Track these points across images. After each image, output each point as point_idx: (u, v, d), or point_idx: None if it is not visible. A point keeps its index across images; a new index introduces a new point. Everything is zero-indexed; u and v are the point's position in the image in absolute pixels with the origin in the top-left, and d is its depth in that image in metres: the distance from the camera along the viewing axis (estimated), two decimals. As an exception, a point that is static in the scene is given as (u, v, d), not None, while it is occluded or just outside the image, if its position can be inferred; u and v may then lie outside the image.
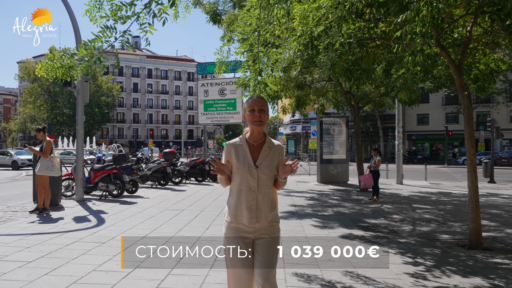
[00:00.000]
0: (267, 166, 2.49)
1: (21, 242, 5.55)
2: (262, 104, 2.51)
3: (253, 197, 2.46)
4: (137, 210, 8.59)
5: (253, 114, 2.49)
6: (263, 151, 2.52)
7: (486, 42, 6.91)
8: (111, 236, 6.00)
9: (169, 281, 4.04)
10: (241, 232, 2.49)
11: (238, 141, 2.57)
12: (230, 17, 11.03)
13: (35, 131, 8.49)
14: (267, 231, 2.49)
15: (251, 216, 2.46)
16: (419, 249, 5.58)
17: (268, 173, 2.49)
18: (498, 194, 13.01)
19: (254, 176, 2.47)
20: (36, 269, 4.34)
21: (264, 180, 2.49)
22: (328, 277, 4.25)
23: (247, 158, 2.49)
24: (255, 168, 2.47)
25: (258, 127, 2.51)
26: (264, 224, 2.48)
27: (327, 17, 4.46)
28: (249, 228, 2.48)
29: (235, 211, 2.50)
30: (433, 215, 8.64)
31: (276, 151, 2.56)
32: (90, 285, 3.87)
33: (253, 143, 2.54)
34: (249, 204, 2.46)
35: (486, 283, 4.16)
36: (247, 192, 2.47)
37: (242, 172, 2.47)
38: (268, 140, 2.57)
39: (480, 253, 5.47)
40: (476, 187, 5.93)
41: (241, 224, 2.49)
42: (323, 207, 9.53)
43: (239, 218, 2.49)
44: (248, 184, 2.47)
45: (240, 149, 2.52)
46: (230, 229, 2.52)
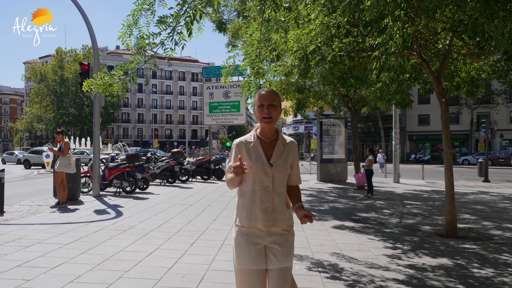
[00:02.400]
0: (282, 164, 2.31)
1: (54, 230, 6.40)
2: (272, 98, 2.31)
3: (268, 198, 2.28)
4: (150, 205, 9.43)
5: (262, 110, 2.29)
6: (277, 148, 2.33)
7: (465, 53, 7.69)
8: (131, 225, 6.84)
9: (185, 258, 4.86)
10: (253, 237, 2.29)
11: (249, 137, 2.38)
12: (235, 26, 11.85)
13: (55, 133, 9.38)
14: (280, 240, 2.30)
15: (267, 218, 2.27)
16: (400, 237, 6.38)
17: (283, 171, 2.32)
18: (488, 192, 13.73)
19: (268, 175, 2.28)
20: (73, 249, 5.18)
21: (279, 179, 2.32)
22: (318, 257, 5.06)
23: (260, 155, 2.30)
24: (269, 166, 2.28)
25: (267, 124, 2.32)
26: (280, 228, 2.31)
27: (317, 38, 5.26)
28: (263, 232, 2.29)
29: (248, 214, 2.29)
30: (420, 210, 9.42)
31: (290, 148, 2.38)
32: (121, 260, 4.70)
33: (265, 140, 2.35)
34: (264, 206, 2.27)
35: (450, 262, 4.96)
36: (261, 193, 2.28)
37: (255, 170, 2.27)
38: (281, 136, 2.39)
39: (454, 240, 6.25)
40: (451, 183, 6.72)
41: (255, 228, 2.29)
42: (320, 203, 10.34)
43: (253, 221, 2.28)
44: (262, 183, 2.28)
45: (251, 147, 2.33)
46: (242, 235, 2.32)
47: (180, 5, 3.72)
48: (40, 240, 5.66)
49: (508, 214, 8.94)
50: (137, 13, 3.75)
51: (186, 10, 3.83)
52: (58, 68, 58.14)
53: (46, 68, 59.11)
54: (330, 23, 4.90)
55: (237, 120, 19.02)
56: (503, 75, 8.03)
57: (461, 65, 8.22)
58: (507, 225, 7.58)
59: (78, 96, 58.09)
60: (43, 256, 4.83)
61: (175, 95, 79.01)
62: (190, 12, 3.80)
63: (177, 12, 3.66)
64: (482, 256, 5.27)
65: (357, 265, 4.74)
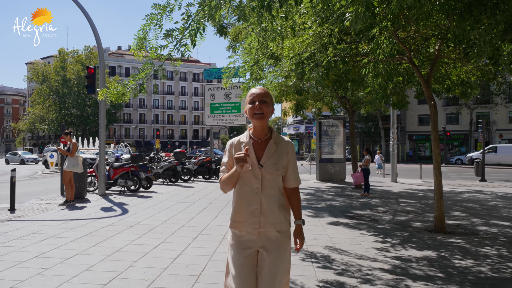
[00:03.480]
0: (272, 164, 2.23)
1: (65, 225, 6.81)
2: (263, 95, 2.25)
3: (256, 200, 2.21)
4: (153, 203, 9.83)
5: (253, 106, 2.23)
6: (268, 148, 2.26)
7: (455, 58, 8.06)
8: (137, 222, 7.25)
9: (188, 251, 5.26)
10: (244, 241, 2.25)
11: (242, 138, 2.34)
12: (235, 30, 12.24)
13: (63, 134, 9.81)
14: (272, 245, 2.23)
15: (254, 221, 2.21)
16: (391, 233, 6.76)
17: (274, 172, 2.23)
18: (482, 191, 14.09)
19: (257, 176, 2.21)
20: (84, 243, 5.58)
21: (269, 181, 2.23)
22: (312, 249, 5.45)
23: (250, 156, 2.23)
24: (258, 167, 2.22)
25: (259, 121, 2.25)
26: (272, 232, 2.23)
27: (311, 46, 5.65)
28: (253, 236, 2.23)
29: (236, 216, 2.27)
30: (414, 207, 9.80)
31: (284, 148, 2.29)
32: (130, 252, 5.10)
33: (257, 140, 2.29)
34: (251, 208, 2.21)
35: (434, 254, 5.34)
36: (249, 195, 2.22)
37: (244, 171, 2.21)
38: (275, 136, 2.31)
39: (441, 235, 6.63)
40: (440, 181, 7.10)
41: (244, 231, 2.24)
42: (318, 201, 10.72)
43: (241, 224, 2.25)
44: (251, 185, 2.22)
45: (243, 147, 2.26)
46: (233, 238, 2.30)
47: (185, 20, 4.12)
48: (53, 234, 6.07)
49: (497, 211, 9.31)
50: (146, 27, 4.16)
51: (191, 24, 4.23)
52: (61, 68, 58.63)
53: (49, 68, 59.61)
54: (322, 32, 5.29)
55: (238, 121, 19.43)
56: (491, 78, 8.40)
57: (451, 69, 8.59)
58: (494, 221, 7.96)
59: (80, 96, 58.61)
60: (57, 249, 5.23)
61: (176, 95, 79.49)
62: (194, 25, 4.20)
63: (182, 27, 4.05)
64: (465, 249, 5.66)
65: (347, 256, 5.13)
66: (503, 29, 5.21)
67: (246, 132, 2.36)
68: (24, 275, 4.16)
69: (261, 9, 4.17)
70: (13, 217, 7.60)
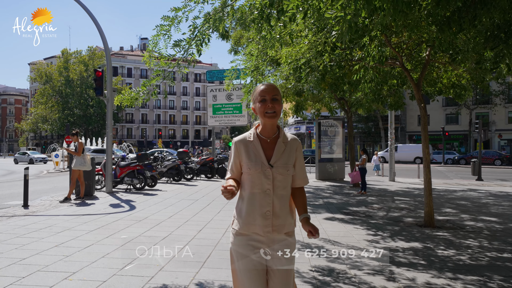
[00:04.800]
0: (283, 164, 2.17)
1: (78, 220, 7.29)
2: (275, 92, 2.18)
3: (268, 202, 2.15)
4: (159, 200, 10.31)
5: (265, 105, 2.15)
6: (277, 148, 2.19)
7: (445, 62, 8.51)
8: (144, 217, 7.72)
9: (194, 241, 5.72)
10: (251, 241, 2.17)
11: (248, 136, 2.24)
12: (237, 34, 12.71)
13: (70, 135, 10.33)
14: (281, 246, 2.18)
15: (266, 224, 2.14)
16: (382, 227, 7.21)
17: (284, 172, 2.17)
18: (477, 190, 14.52)
19: (268, 177, 2.14)
20: (98, 234, 6.05)
21: (281, 181, 2.17)
22: (307, 241, 5.91)
23: (259, 156, 2.17)
24: (269, 167, 2.15)
25: (271, 120, 2.18)
26: (281, 234, 2.19)
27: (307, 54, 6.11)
28: (262, 237, 2.16)
29: (247, 219, 2.16)
30: (408, 205, 10.24)
31: (293, 146, 2.24)
32: (140, 243, 5.57)
33: (266, 139, 2.21)
34: (263, 210, 2.14)
35: (420, 245, 5.79)
36: (261, 196, 2.15)
37: (254, 172, 2.15)
38: (283, 134, 2.24)
39: (430, 229, 7.08)
40: (429, 179, 7.55)
41: (253, 233, 2.16)
42: (316, 199, 11.18)
43: (251, 227, 2.16)
44: (262, 186, 2.15)
45: (251, 146, 2.19)
46: (239, 239, 2.19)
47: (191, 31, 4.59)
48: (68, 227, 6.55)
49: (487, 208, 9.75)
50: (156, 37, 4.63)
51: (197, 34, 4.70)
52: (63, 69, 59.21)
53: (51, 69, 60.19)
54: (317, 41, 5.75)
55: (239, 121, 19.92)
56: (479, 81, 8.85)
57: (442, 73, 9.04)
58: (482, 217, 8.40)
59: (83, 97, 59.24)
60: (74, 239, 5.71)
61: (178, 95, 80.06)
62: (200, 36, 4.67)
63: (189, 38, 4.52)
64: (450, 241, 6.11)
65: (339, 247, 5.59)
66: (484, 38, 5.67)
67: (252, 130, 2.27)
68: (48, 261, 4.63)
69: (261, 20, 4.64)
70: (28, 212, 8.08)
